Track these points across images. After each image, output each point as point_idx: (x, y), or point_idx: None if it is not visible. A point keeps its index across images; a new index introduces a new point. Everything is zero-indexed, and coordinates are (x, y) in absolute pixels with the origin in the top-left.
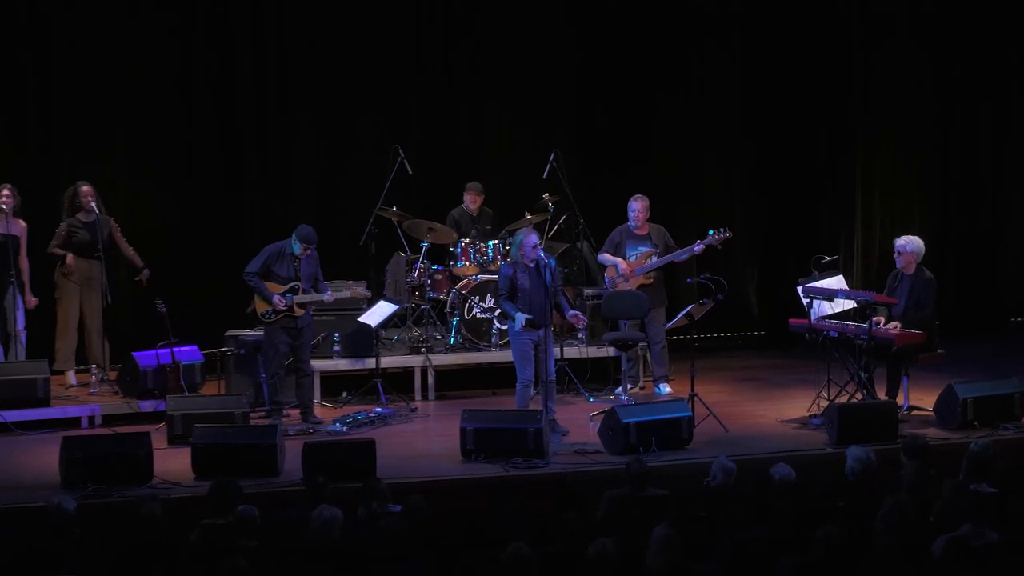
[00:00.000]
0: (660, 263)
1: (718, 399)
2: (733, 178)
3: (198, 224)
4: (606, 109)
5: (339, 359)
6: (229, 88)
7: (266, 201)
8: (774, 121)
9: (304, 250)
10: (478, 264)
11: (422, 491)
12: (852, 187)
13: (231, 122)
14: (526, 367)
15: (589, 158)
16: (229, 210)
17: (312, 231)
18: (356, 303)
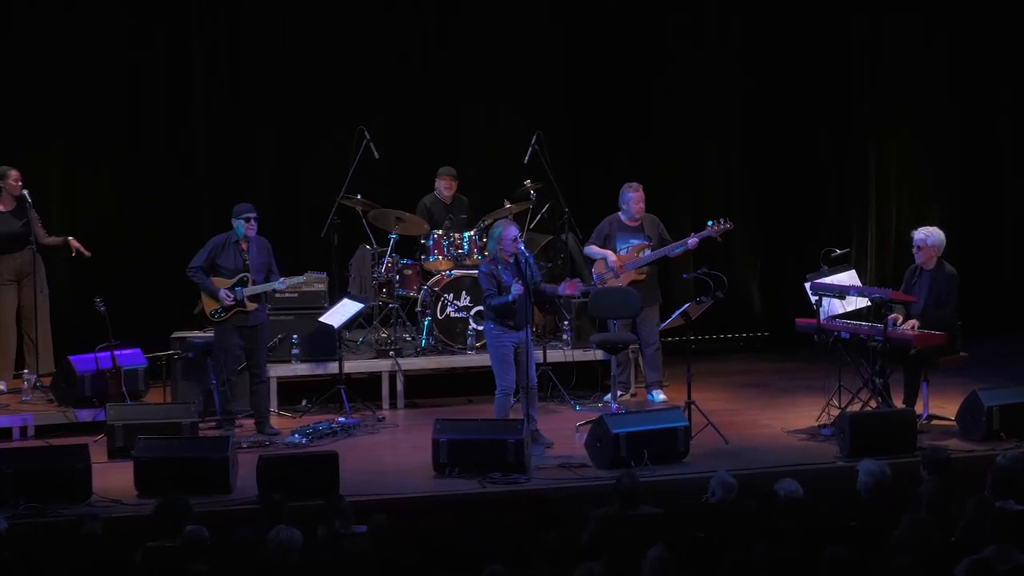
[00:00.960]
0: (653, 257)
1: (717, 407)
2: (732, 163)
3: (143, 215)
4: (594, 87)
5: (298, 363)
6: (179, 66)
7: (218, 189)
8: (775, 102)
9: (249, 227)
10: (452, 258)
11: (389, 510)
12: (865, 172)
13: (181, 103)
14: (506, 372)
15: (575, 141)
16: (177, 199)
17: (248, 204)
18: (317, 301)
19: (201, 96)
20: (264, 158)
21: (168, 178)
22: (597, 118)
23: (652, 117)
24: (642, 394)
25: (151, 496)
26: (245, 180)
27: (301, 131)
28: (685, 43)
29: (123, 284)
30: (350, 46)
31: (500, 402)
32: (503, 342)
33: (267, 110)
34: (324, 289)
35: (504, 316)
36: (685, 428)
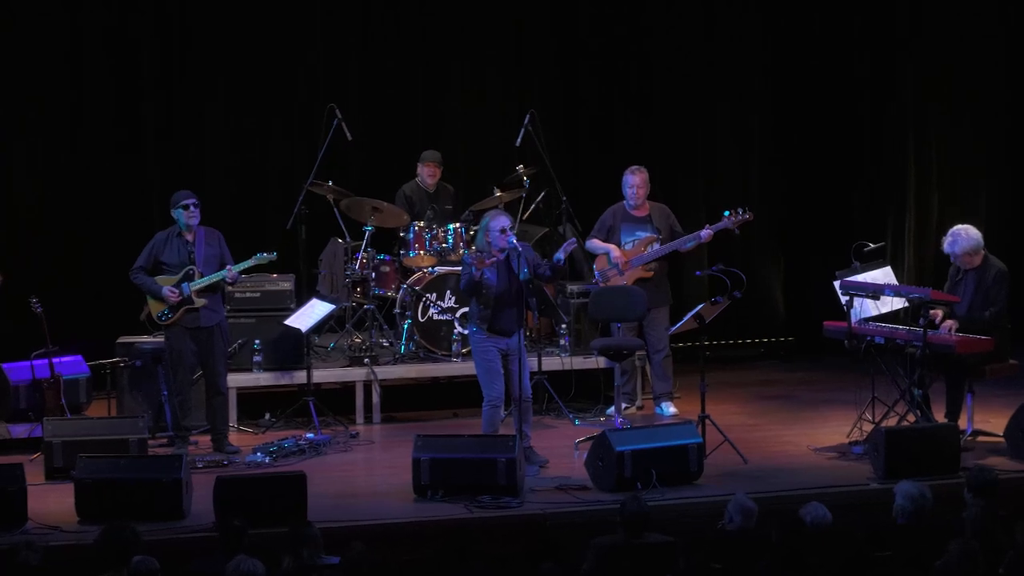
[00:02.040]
0: (663, 252)
1: (735, 422)
2: (752, 146)
3: (85, 205)
4: (592, 59)
5: (260, 372)
6: (125, 38)
7: (170, 177)
8: (801, 75)
9: (189, 215)
10: (435, 253)
11: (365, 538)
12: (903, 155)
13: (128, 79)
14: (492, 381)
15: (573, 121)
16: (124, 188)
17: (185, 190)
18: (282, 301)
19: (149, 72)
20: (220, 142)
21: (113, 163)
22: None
23: (656, 92)
24: (650, 407)
25: (94, 522)
26: (198, 167)
27: (263, 110)
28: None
29: (62, 282)
30: (317, 13)
31: (488, 415)
32: (487, 348)
33: (223, 86)
34: (290, 288)
35: (483, 311)
36: (699, 445)
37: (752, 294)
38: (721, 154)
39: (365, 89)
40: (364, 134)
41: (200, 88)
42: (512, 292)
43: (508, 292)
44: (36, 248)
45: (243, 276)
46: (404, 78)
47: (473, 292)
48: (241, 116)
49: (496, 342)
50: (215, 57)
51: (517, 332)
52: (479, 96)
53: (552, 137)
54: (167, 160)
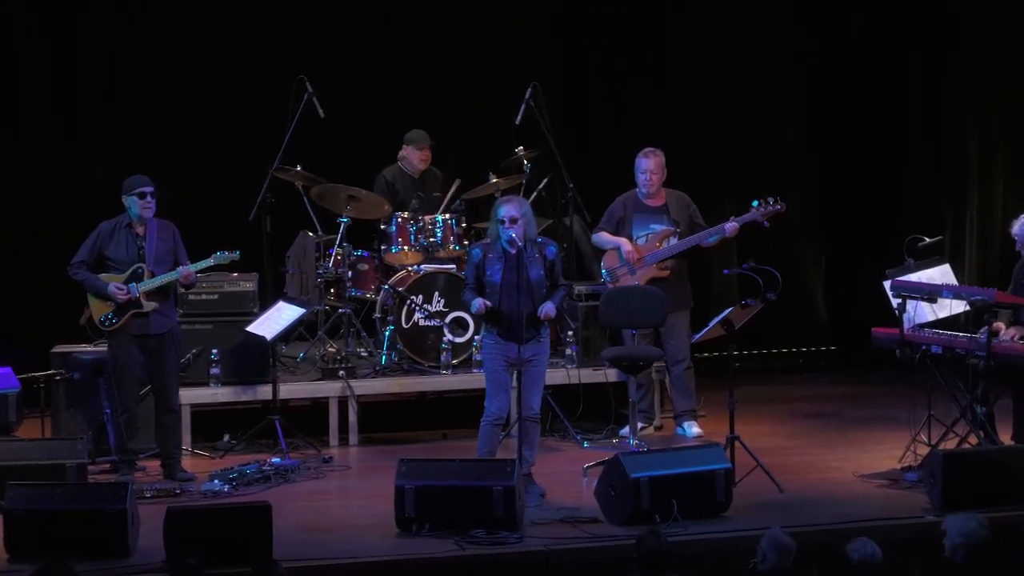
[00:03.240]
0: (681, 247)
1: (769, 444)
2: (787, 126)
3: (15, 194)
4: (601, 28)
5: (218, 386)
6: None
7: (114, 161)
8: (841, 43)
9: (144, 206)
10: (421, 249)
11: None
12: (962, 137)
13: (65, 52)
14: (494, 396)
15: (579, 97)
16: (61, 176)
17: (141, 175)
18: (244, 304)
19: (86, 35)
20: (171, 119)
21: (49, 147)
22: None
23: (674, 64)
24: (670, 427)
25: (26, 560)
26: (148, 148)
27: (220, 82)
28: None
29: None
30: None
31: (484, 435)
32: (494, 355)
33: (176, 56)
34: (253, 289)
35: (485, 319)
36: (727, 472)
37: (788, 296)
38: (749, 135)
39: (340, 58)
40: (339, 110)
41: (148, 58)
42: (521, 293)
43: (515, 293)
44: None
45: (199, 276)
46: (386, 45)
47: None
48: (195, 91)
49: (505, 349)
50: (165, 22)
51: (531, 341)
52: (473, 67)
53: (557, 115)
54: (108, 141)
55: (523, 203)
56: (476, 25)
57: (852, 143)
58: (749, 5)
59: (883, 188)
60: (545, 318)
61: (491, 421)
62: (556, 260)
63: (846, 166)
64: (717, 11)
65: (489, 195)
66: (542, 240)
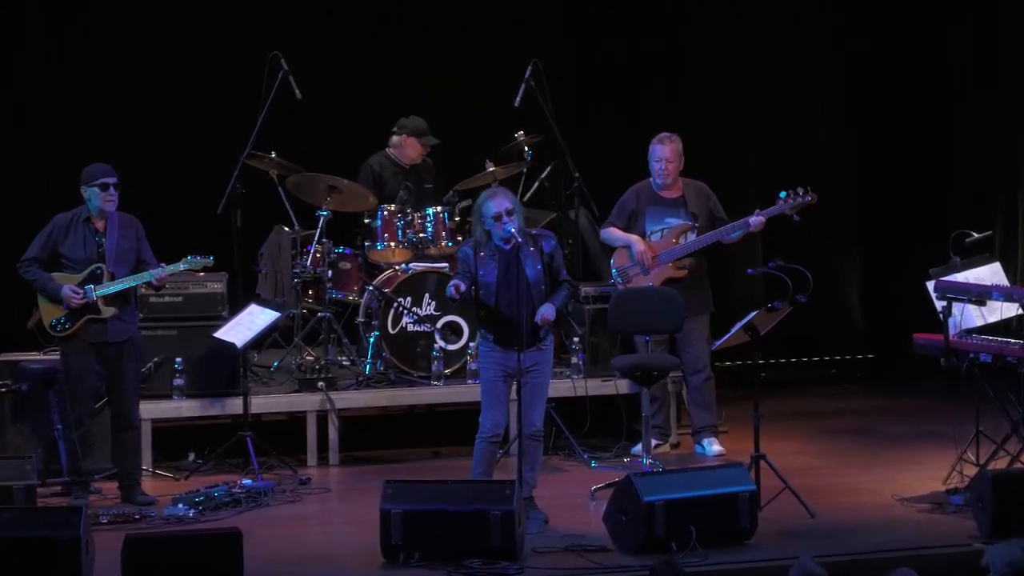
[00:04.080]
0: (700, 244)
1: (799, 464)
2: (818, 108)
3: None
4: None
5: (183, 399)
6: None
7: (65, 148)
8: (879, 17)
9: (106, 199)
10: (410, 246)
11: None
12: (1013, 119)
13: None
14: (490, 409)
15: (585, 77)
16: (6, 165)
17: (104, 164)
18: (212, 307)
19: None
20: (130, 102)
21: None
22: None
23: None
24: (688, 444)
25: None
26: (102, 133)
27: (186, 59)
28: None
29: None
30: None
31: (480, 454)
32: (490, 364)
33: (134, 29)
34: (221, 291)
35: (481, 324)
36: (751, 494)
37: (820, 298)
38: (777, 118)
39: (320, 33)
40: (318, 90)
41: (101, 28)
42: (518, 295)
43: (512, 295)
44: None
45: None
46: (371, 19)
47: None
48: (156, 68)
49: (503, 358)
50: None
51: (531, 348)
52: (467, 43)
53: (561, 96)
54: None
55: (508, 191)
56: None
57: (892, 127)
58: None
59: (926, 177)
60: (543, 322)
61: (487, 438)
62: (555, 253)
63: (885, 153)
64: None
65: (486, 185)
66: (537, 232)
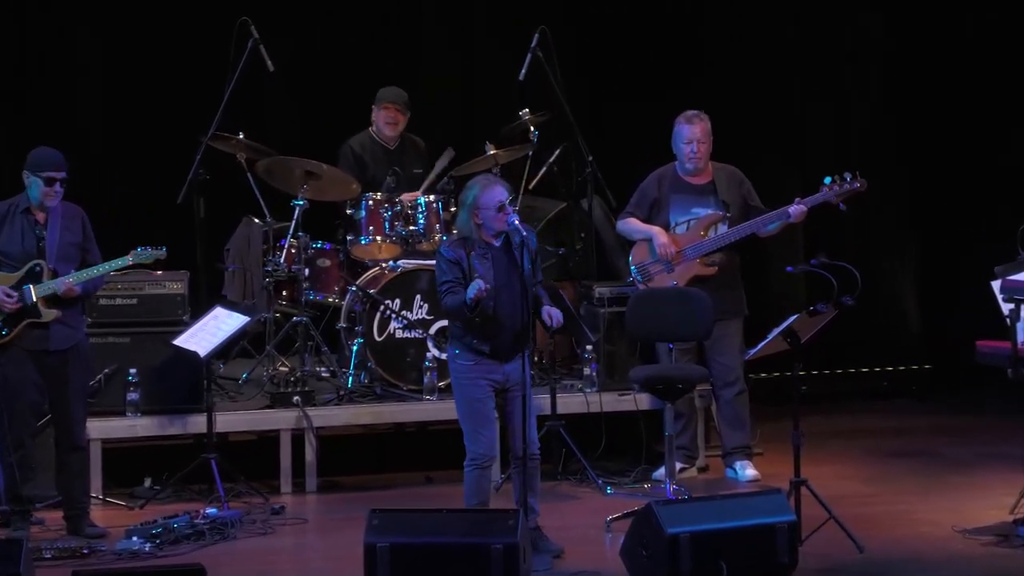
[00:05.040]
0: (733, 237)
1: (846, 490)
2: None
3: None
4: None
5: (137, 416)
6: None
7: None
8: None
9: (49, 194)
10: (397, 240)
11: None
12: None
13: None
14: (480, 431)
15: (597, 45)
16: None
17: (55, 153)
18: (171, 310)
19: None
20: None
21: None
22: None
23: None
24: (718, 467)
25: None
26: (51, 110)
27: (142, 28)
28: None
29: None
30: None
31: (472, 480)
32: (474, 379)
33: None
34: (182, 291)
35: (471, 332)
36: (791, 525)
37: (870, 300)
38: (817, 96)
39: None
40: (293, 63)
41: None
42: (513, 294)
43: (509, 294)
44: None
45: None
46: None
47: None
48: (111, 38)
49: (488, 370)
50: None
51: (520, 356)
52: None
53: (572, 70)
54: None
55: (502, 180)
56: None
57: (948, 105)
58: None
59: (988, 162)
60: (557, 324)
61: (480, 464)
62: (538, 250)
63: (941, 134)
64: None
65: (486, 170)
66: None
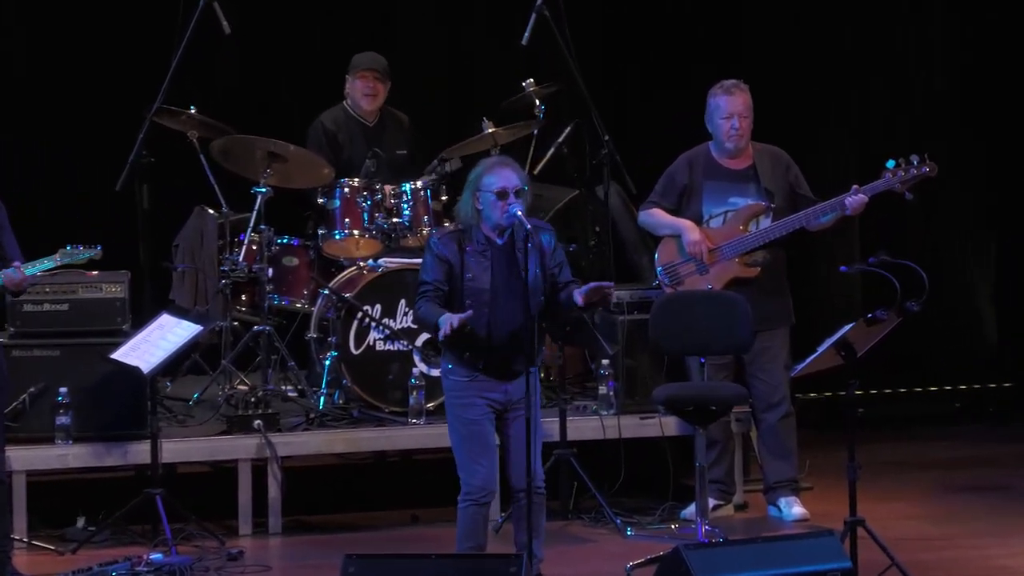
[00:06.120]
0: (779, 231)
1: (911, 531)
2: (933, 50)
3: None
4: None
5: (69, 444)
6: None
7: None
8: None
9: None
10: (378, 234)
11: None
12: None
13: None
14: (476, 460)
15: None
16: None
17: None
18: (109, 317)
19: None
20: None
21: None
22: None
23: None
24: (759, 505)
25: None
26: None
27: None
28: None
29: None
30: None
31: (466, 520)
32: (469, 398)
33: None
34: (122, 296)
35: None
36: (845, 573)
37: (939, 306)
38: (878, 64)
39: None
40: (254, 24)
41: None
42: (514, 300)
43: (508, 300)
44: None
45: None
46: None
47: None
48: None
49: (485, 388)
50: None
51: (524, 374)
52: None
53: (585, 31)
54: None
55: (518, 166)
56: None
57: None
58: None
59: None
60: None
61: (477, 499)
62: (557, 250)
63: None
64: None
65: (484, 151)
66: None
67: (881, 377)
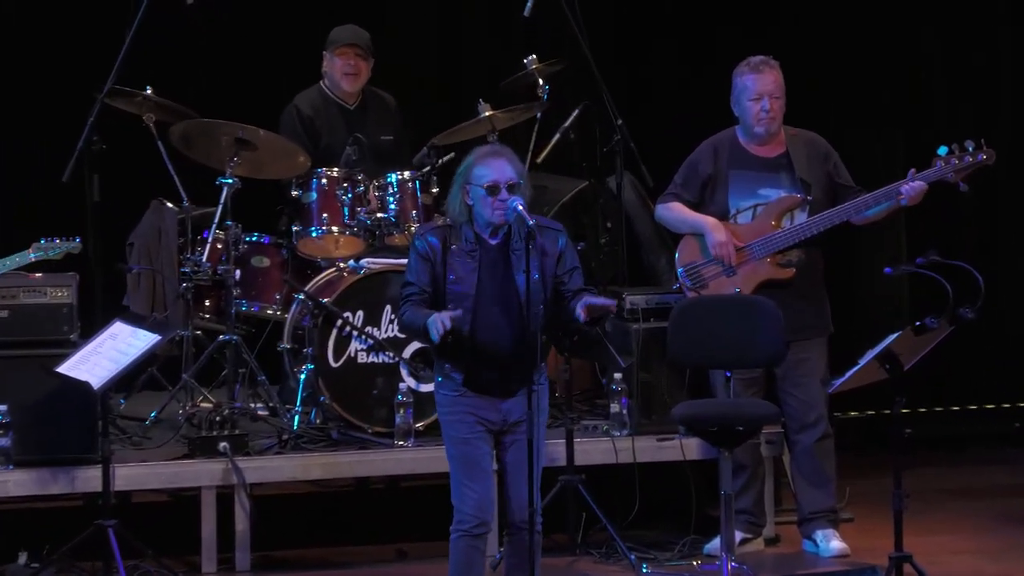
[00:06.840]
0: (817, 227)
1: (964, 568)
2: (995, 26)
3: None
4: None
5: (9, 469)
6: None
7: None
8: None
9: None
10: (360, 231)
11: None
12: None
13: None
14: (469, 485)
15: None
16: None
17: None
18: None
19: None
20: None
21: None
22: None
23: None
24: (792, 538)
25: None
26: None
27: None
28: None
29: None
30: None
31: (459, 554)
32: (462, 418)
33: None
34: (70, 301)
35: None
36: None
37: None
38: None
39: None
40: None
41: None
42: (510, 307)
43: (503, 311)
44: None
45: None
46: None
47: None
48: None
49: (477, 407)
50: None
51: (525, 390)
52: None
53: (595, 5)
54: None
55: (514, 155)
56: None
57: None
58: None
59: None
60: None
61: (469, 529)
62: (567, 252)
63: None
64: None
65: (480, 137)
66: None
67: (930, 393)
